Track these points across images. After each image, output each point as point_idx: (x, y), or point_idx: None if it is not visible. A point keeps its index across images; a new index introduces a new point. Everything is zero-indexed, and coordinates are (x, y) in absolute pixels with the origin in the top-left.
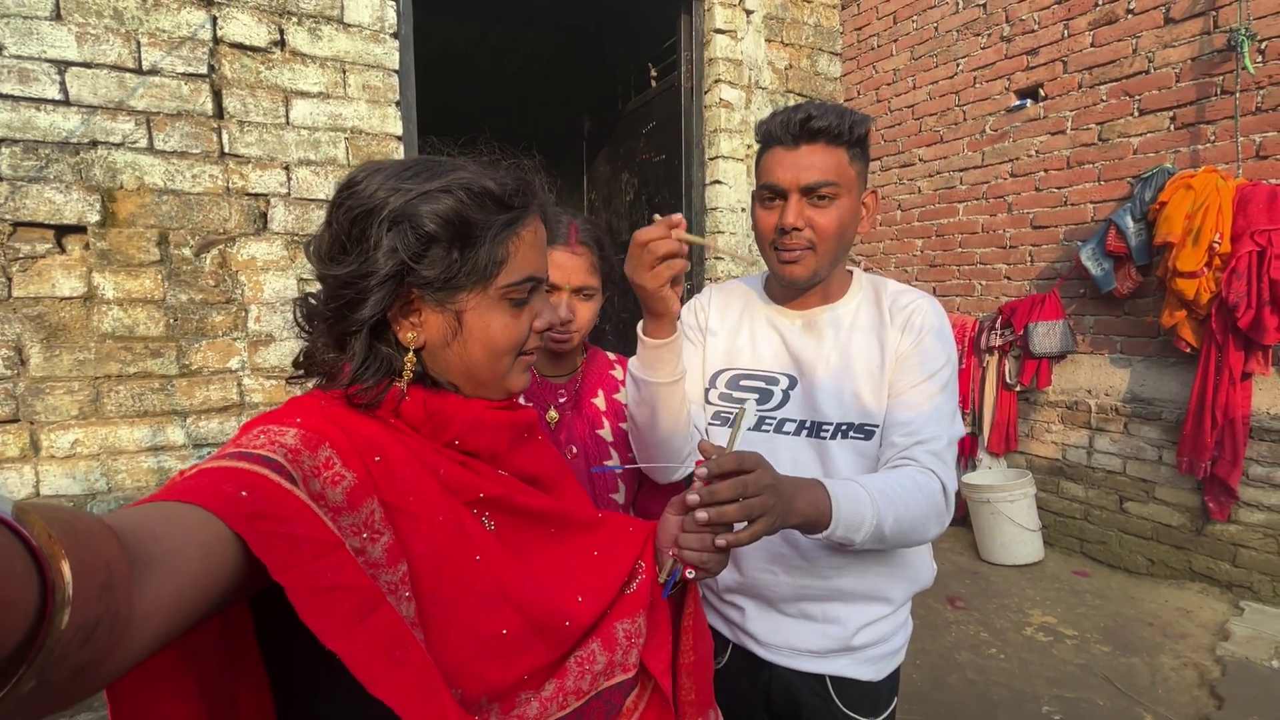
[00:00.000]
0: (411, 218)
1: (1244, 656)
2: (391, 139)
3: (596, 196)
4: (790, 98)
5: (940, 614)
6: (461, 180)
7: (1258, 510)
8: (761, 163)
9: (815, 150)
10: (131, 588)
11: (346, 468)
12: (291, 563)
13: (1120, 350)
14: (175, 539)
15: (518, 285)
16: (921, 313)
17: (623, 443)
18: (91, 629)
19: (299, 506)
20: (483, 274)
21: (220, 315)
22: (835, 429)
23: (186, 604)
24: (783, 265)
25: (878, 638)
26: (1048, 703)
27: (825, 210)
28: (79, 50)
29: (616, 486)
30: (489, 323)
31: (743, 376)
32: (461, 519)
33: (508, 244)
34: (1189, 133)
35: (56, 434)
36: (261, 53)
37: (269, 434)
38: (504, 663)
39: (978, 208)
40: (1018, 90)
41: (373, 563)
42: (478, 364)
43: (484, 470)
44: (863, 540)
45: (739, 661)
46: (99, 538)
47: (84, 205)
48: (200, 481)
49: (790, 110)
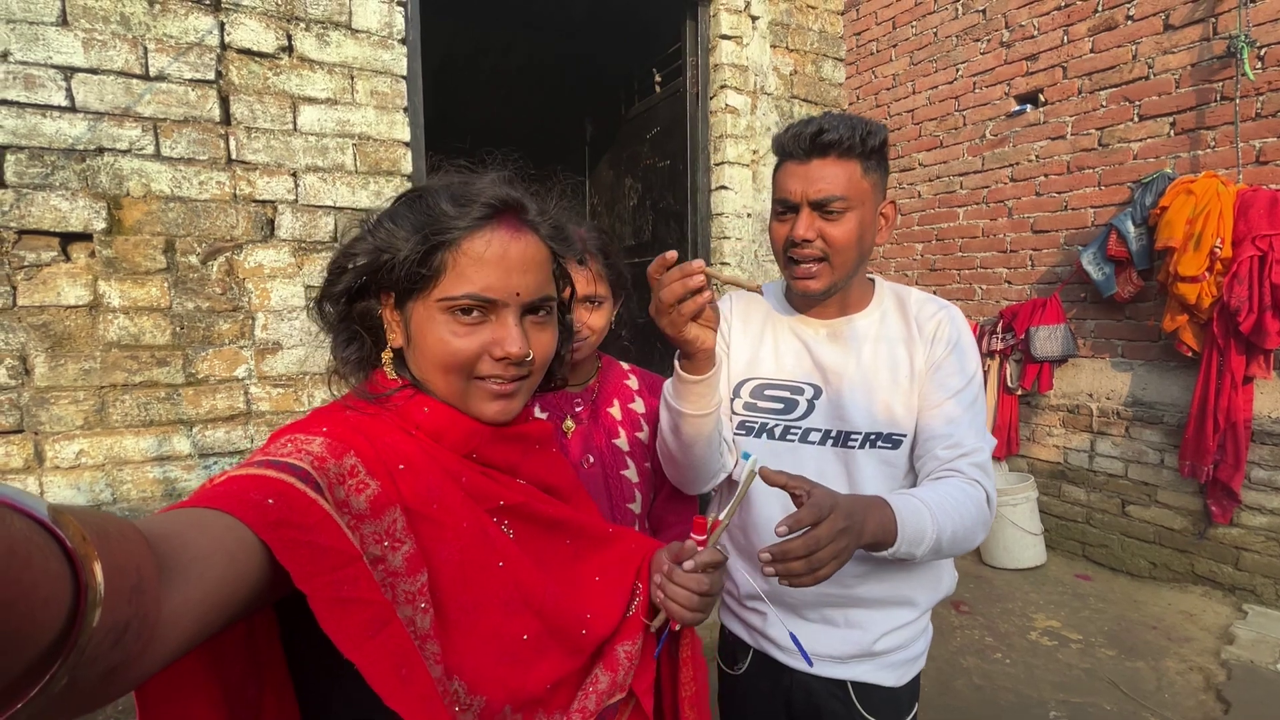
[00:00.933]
0: (390, 216)
1: (1249, 660)
2: (399, 145)
3: (600, 202)
4: (795, 103)
5: (945, 619)
6: (432, 187)
7: (1260, 513)
8: (776, 176)
9: (826, 164)
10: (160, 591)
11: (371, 476)
12: (314, 571)
13: (1122, 354)
14: (203, 545)
15: (455, 299)
16: (950, 324)
17: (639, 452)
18: (121, 631)
19: (322, 516)
20: (423, 281)
21: (227, 323)
22: (864, 439)
23: (213, 608)
24: (796, 280)
25: (900, 643)
26: (1054, 708)
27: (837, 223)
28: (85, 56)
29: (633, 496)
30: (427, 334)
31: (767, 386)
32: (484, 526)
33: (445, 254)
34: (1189, 138)
35: (61, 444)
36: (269, 59)
37: (296, 443)
38: (525, 668)
39: (978, 212)
40: (1017, 95)
41: (392, 571)
42: (430, 377)
43: (504, 480)
44: (923, 554)
45: (759, 667)
46: (130, 542)
47: (90, 213)
48: (229, 488)
49: (803, 123)
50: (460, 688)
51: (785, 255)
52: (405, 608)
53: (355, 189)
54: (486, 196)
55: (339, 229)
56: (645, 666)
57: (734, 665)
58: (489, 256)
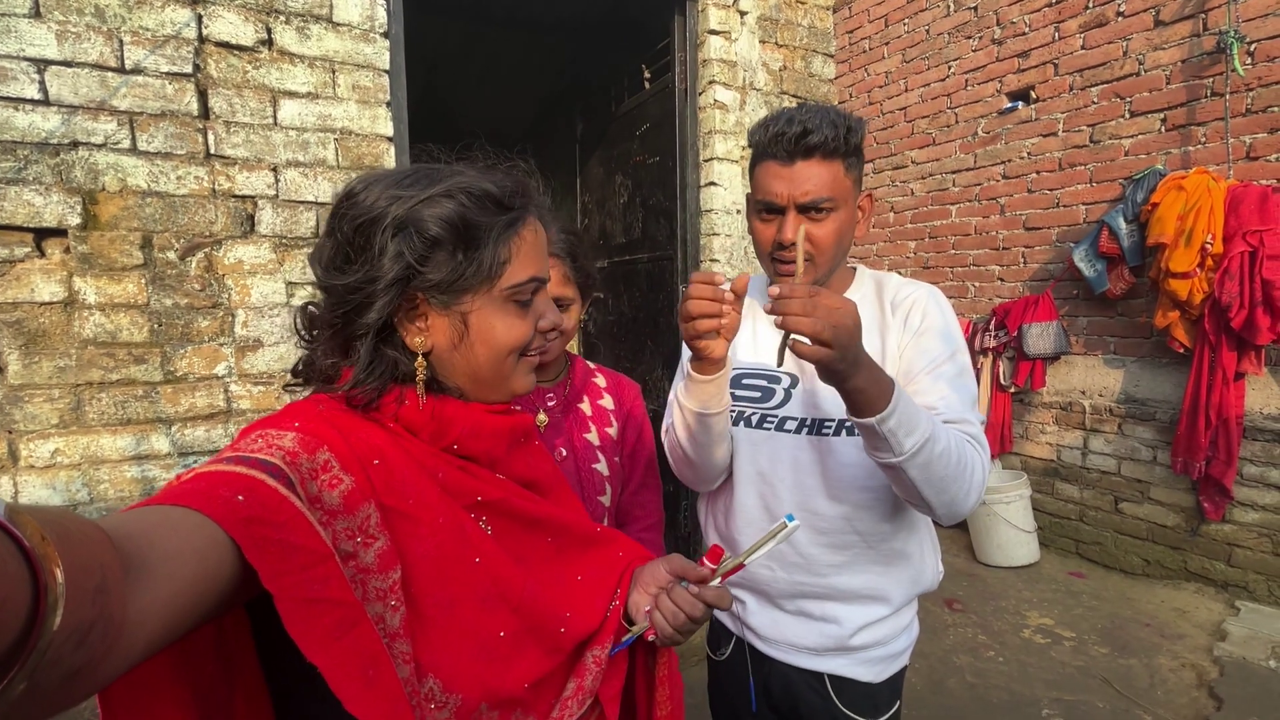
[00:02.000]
0: (416, 223)
1: (1241, 657)
2: (382, 140)
3: (590, 199)
4: (785, 99)
5: (938, 616)
6: (461, 184)
7: (1252, 510)
8: (756, 174)
9: (811, 165)
10: (126, 592)
11: (345, 471)
12: (282, 570)
13: (1114, 351)
14: (171, 543)
15: (522, 286)
16: (925, 301)
17: (609, 447)
18: (85, 633)
19: (294, 514)
20: (487, 275)
21: (206, 320)
22: (838, 425)
23: (181, 609)
24: (780, 278)
25: (877, 639)
26: (1047, 705)
27: (823, 223)
28: (59, 49)
29: (604, 488)
30: (494, 324)
31: (745, 375)
32: (461, 522)
33: (510, 244)
34: (1180, 134)
35: (36, 443)
36: (248, 52)
37: (267, 438)
38: (503, 666)
39: (970, 209)
40: (1009, 92)
41: (363, 567)
42: (483, 366)
43: (482, 474)
44: (910, 448)
45: (741, 654)
46: (93, 541)
47: (64, 208)
48: (197, 485)
49: (784, 122)
50: (435, 685)
51: (770, 256)
52: (375, 604)
53: (337, 184)
54: (526, 186)
55: (320, 225)
56: (613, 673)
57: (717, 651)
58: (537, 241)
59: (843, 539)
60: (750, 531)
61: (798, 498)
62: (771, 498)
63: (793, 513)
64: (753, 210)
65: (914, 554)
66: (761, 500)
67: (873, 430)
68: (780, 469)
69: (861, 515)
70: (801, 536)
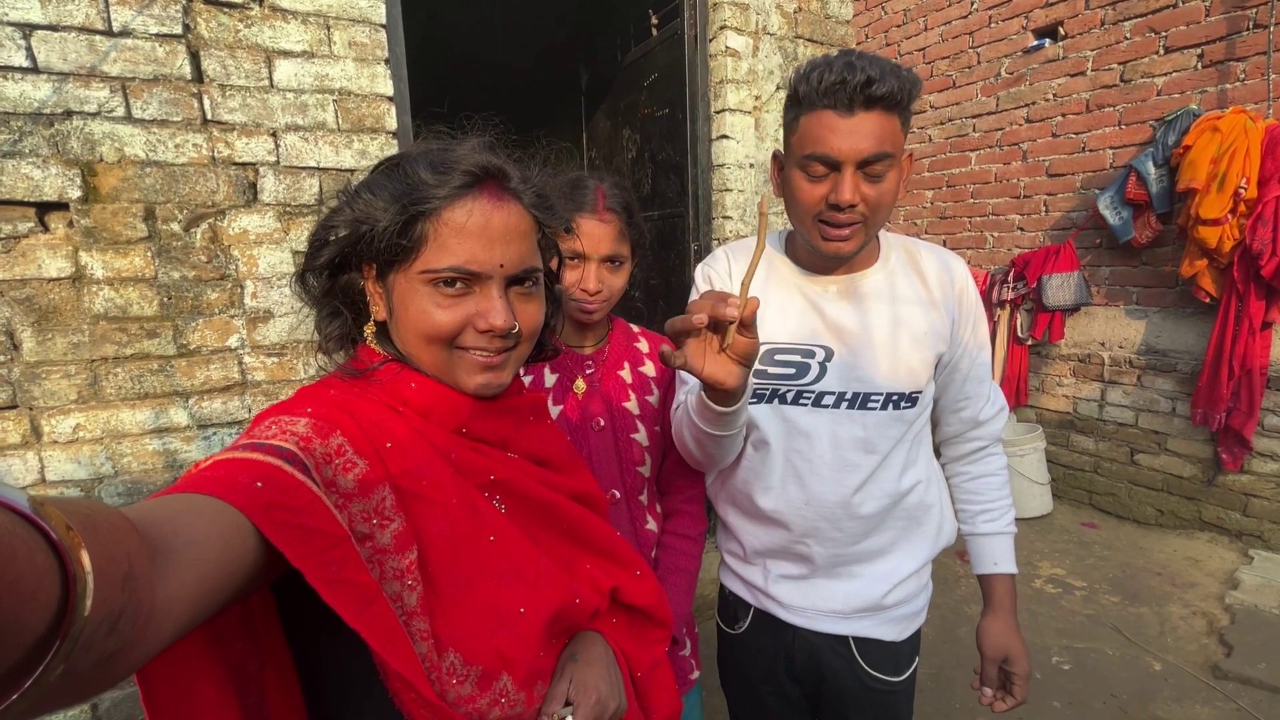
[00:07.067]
0: (368, 185)
1: (1253, 604)
2: (382, 100)
3: (597, 155)
4: (800, 44)
5: (950, 569)
6: (410, 155)
7: (1272, 460)
8: (805, 126)
9: (872, 118)
10: (154, 578)
11: (358, 455)
12: (304, 554)
13: (1136, 301)
14: (195, 530)
15: (437, 272)
16: (970, 286)
17: (649, 416)
18: (115, 619)
19: (311, 498)
20: (404, 253)
21: (215, 292)
22: (886, 399)
23: (208, 592)
24: (827, 242)
25: (905, 596)
26: (1057, 653)
27: (879, 184)
28: (44, 11)
29: (643, 459)
30: (409, 306)
31: (777, 351)
32: (475, 501)
33: (425, 225)
34: (1217, 71)
35: (57, 419)
36: (239, 9)
37: (280, 424)
38: (521, 640)
39: (991, 156)
40: (1036, 29)
41: (380, 548)
42: (413, 349)
43: (494, 454)
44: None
45: (761, 625)
46: (118, 530)
47: (64, 180)
48: (216, 473)
49: (843, 69)
50: (456, 659)
51: (817, 218)
52: (393, 584)
53: (339, 148)
54: (467, 164)
55: (324, 191)
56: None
57: (734, 625)
58: (471, 227)
59: (879, 504)
60: (784, 510)
61: (837, 474)
62: (810, 474)
63: (831, 488)
64: (795, 164)
65: (934, 504)
66: (798, 477)
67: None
68: (820, 446)
69: (897, 476)
70: (839, 512)
